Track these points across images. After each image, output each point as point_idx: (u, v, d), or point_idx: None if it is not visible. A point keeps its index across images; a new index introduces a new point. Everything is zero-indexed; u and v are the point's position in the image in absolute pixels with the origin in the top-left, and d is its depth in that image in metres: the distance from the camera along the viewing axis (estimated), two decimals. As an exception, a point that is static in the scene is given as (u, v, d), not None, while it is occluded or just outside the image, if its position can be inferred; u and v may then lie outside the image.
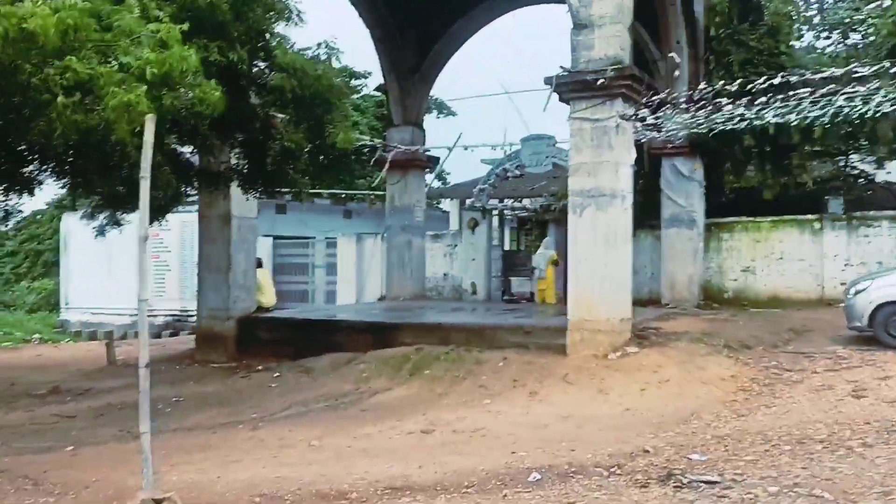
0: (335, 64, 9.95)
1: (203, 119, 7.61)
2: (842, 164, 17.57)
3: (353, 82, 36.09)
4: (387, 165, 16.86)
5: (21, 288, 31.92)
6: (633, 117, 10.38)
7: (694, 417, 7.72)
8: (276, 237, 21.61)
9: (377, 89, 18.33)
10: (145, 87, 6.31)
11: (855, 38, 22.13)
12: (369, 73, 33.61)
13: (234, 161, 10.25)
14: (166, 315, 21.56)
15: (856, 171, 17.58)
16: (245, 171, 10.09)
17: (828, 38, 22.57)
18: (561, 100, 10.64)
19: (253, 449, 7.01)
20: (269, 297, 13.79)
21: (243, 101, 8.83)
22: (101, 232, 11.69)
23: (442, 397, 9.24)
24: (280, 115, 9.49)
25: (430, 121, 36.21)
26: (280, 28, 9.21)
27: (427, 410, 8.54)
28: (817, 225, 15.45)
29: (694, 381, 8.99)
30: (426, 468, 6.19)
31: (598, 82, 9.89)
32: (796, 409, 7.84)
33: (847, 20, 21.61)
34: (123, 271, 22.68)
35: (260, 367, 11.51)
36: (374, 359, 10.81)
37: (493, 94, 19.29)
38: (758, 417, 7.65)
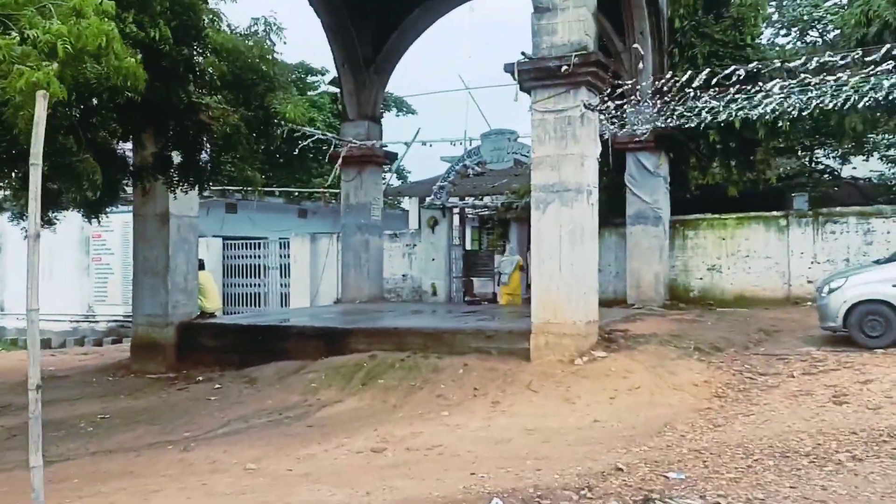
0: (278, 42, 9.14)
1: (118, 94, 6.79)
2: (807, 159, 17.26)
3: (310, 78, 35.21)
4: (340, 161, 16.06)
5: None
6: (599, 107, 9.78)
7: (668, 428, 7.12)
8: (225, 238, 20.64)
9: (331, 83, 17.40)
10: (56, 65, 5.51)
11: (813, 35, 22.04)
12: (326, 70, 32.76)
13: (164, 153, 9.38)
14: (109, 321, 20.44)
15: (821, 167, 17.28)
16: (176, 163, 9.22)
17: (786, 34, 22.45)
18: (522, 89, 10.01)
19: (180, 475, 6.22)
20: (212, 302, 12.92)
21: (170, 85, 8.00)
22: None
23: (396, 409, 8.53)
24: (206, 102, 8.66)
25: (389, 119, 35.47)
26: (213, 2, 8.40)
27: (379, 425, 7.81)
28: (783, 222, 15.08)
29: (665, 387, 8.42)
30: (374, 495, 5.47)
31: (562, 69, 9.27)
32: (776, 417, 7.29)
33: (805, 17, 21.47)
34: (63, 275, 21.54)
35: (200, 378, 10.67)
36: (324, 367, 10.06)
37: (454, 90, 18.62)
38: (736, 427, 7.07)
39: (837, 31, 17.86)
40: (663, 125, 13.43)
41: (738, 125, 14.33)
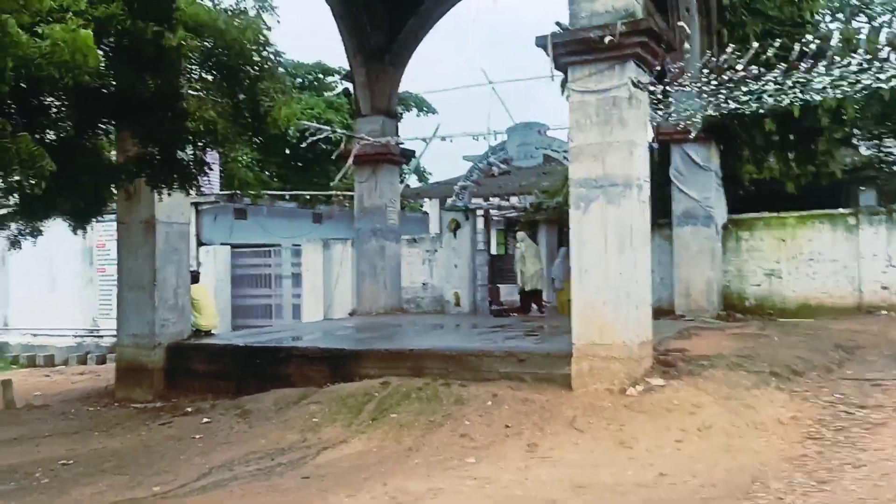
0: (271, 23, 7.65)
1: (68, 75, 5.42)
2: (876, 150, 15.48)
3: (327, 79, 33.94)
4: (351, 159, 14.59)
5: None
6: (650, 86, 8.22)
7: (758, 487, 5.52)
8: (234, 246, 19.28)
9: (343, 77, 15.93)
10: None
11: (859, 21, 20.33)
12: (343, 70, 31.39)
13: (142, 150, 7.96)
14: (114, 336, 19.15)
15: (890, 159, 15.47)
16: (153, 161, 7.79)
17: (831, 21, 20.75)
18: (557, 66, 8.48)
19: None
20: (208, 319, 11.50)
21: (135, 70, 6.59)
22: (14, 244, 9.45)
23: (411, 454, 7.00)
24: (182, 90, 7.22)
25: (409, 119, 34.02)
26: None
27: (390, 476, 6.29)
28: (852, 220, 13.34)
29: (745, 426, 6.81)
30: None
31: (606, 40, 7.72)
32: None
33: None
34: (68, 287, 20.36)
35: (189, 409, 9.24)
36: (329, 397, 8.59)
37: (476, 85, 17.11)
38: (846, 485, 5.45)
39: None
40: (715, 112, 11.86)
41: (797, 113, 12.71)
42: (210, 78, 7.30)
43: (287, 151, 32.33)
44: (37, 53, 5.23)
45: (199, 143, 7.56)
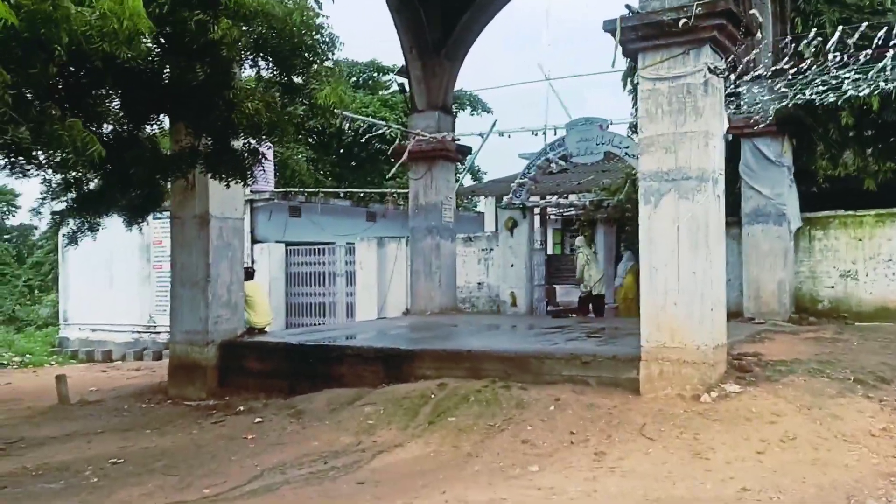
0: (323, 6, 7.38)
1: (122, 48, 5.22)
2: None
3: (381, 77, 33.82)
4: (405, 155, 14.29)
5: (35, 301, 30.28)
6: (727, 73, 7.72)
7: (854, 505, 5.03)
8: (288, 243, 19.19)
9: (398, 72, 15.67)
10: None
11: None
12: (399, 67, 31.22)
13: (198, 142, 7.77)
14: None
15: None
16: (208, 151, 7.58)
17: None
18: (626, 53, 8.06)
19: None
20: (262, 316, 11.32)
21: (186, 58, 6.39)
22: (72, 240, 9.44)
23: (471, 460, 6.65)
24: (236, 79, 6.99)
25: (463, 118, 33.66)
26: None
27: (449, 484, 5.95)
28: (936, 218, 12.52)
29: (832, 438, 6.27)
30: None
31: (680, 23, 7.24)
32: None
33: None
34: (126, 283, 20.58)
35: (241, 408, 9.05)
36: (383, 398, 8.30)
37: (532, 81, 16.71)
38: (955, 506, 4.92)
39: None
40: (790, 103, 11.24)
41: (876, 106, 11.99)
42: (263, 64, 7.03)
43: (341, 151, 32.60)
44: (86, 26, 5.03)
45: (247, 134, 7.30)
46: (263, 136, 7.36)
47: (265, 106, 6.73)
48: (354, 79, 32.81)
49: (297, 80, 7.45)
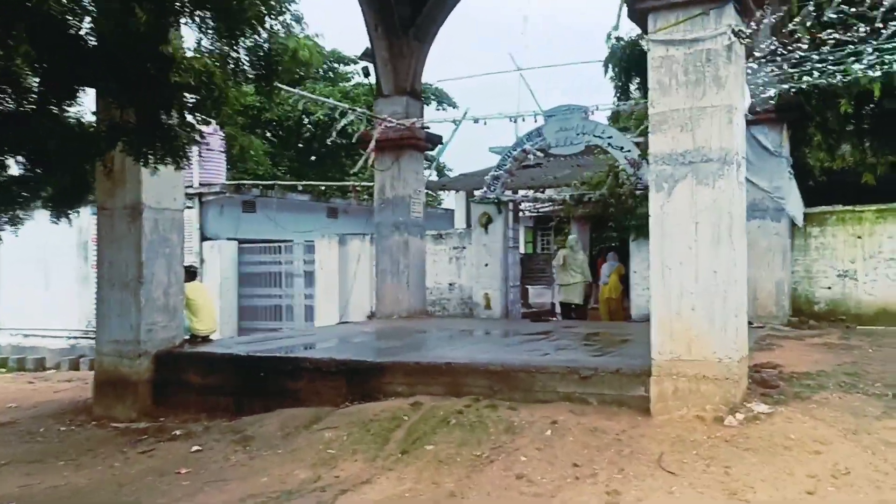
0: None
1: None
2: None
3: (343, 68, 32.49)
4: (373, 143, 13.01)
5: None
6: (753, 38, 6.63)
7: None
8: (242, 241, 17.75)
9: (362, 56, 14.38)
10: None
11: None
12: (363, 50, 29.82)
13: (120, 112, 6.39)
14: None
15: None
16: (132, 127, 6.22)
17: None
18: (632, 16, 6.91)
19: None
20: (205, 322, 9.95)
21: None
22: None
23: (455, 501, 5.43)
24: (171, 37, 5.65)
25: (428, 113, 32.45)
26: None
27: (430, 538, 4.73)
28: (941, 214, 11.67)
29: (892, 471, 5.17)
30: None
31: (700, -23, 6.13)
32: None
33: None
34: (62, 285, 18.90)
35: (178, 432, 7.69)
36: (347, 420, 7.03)
37: (502, 72, 15.57)
38: None
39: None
40: (792, 88, 10.26)
41: (877, 92, 11.06)
42: (204, 14, 5.70)
43: (300, 145, 31.15)
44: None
45: (191, 103, 5.96)
46: (211, 107, 6.00)
47: (204, 67, 5.40)
48: (315, 69, 31.40)
49: (248, 41, 6.14)
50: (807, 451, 5.46)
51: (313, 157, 30.69)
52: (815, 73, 9.39)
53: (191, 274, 9.97)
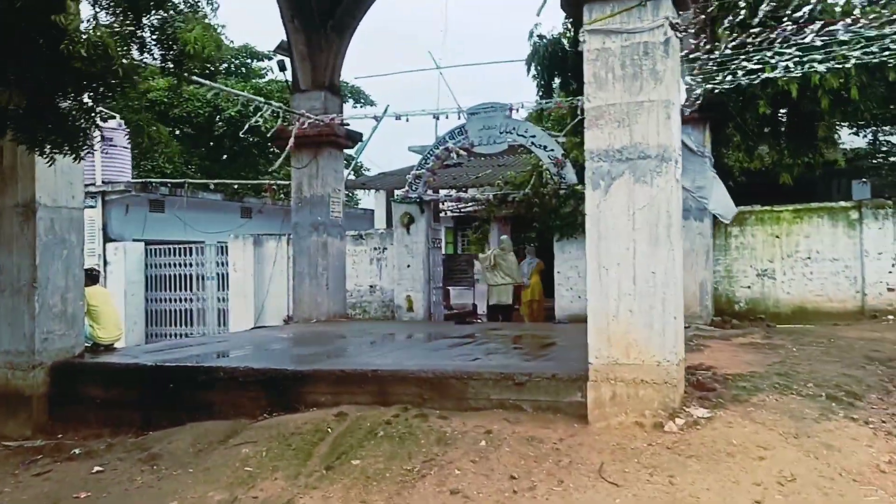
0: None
1: None
2: (874, 137, 14.20)
3: (255, 64, 31.49)
4: (292, 140, 12.42)
5: None
6: (688, 29, 6.47)
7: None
8: (149, 242, 16.80)
9: (277, 49, 13.74)
10: None
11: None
12: (274, 55, 28.95)
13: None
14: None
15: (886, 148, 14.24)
16: (21, 112, 5.54)
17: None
18: (563, 6, 6.66)
19: None
20: (109, 330, 9.19)
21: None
22: None
23: (386, 523, 5.03)
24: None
25: (346, 111, 31.83)
26: None
27: (361, 567, 4.31)
28: (854, 214, 11.98)
29: (837, 477, 5.06)
30: None
31: (637, -33, 5.92)
32: None
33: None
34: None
35: (77, 451, 7.00)
36: (265, 435, 6.52)
37: (422, 70, 15.26)
38: None
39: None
40: (716, 89, 10.27)
41: (794, 93, 11.23)
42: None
43: (211, 144, 29.92)
44: None
45: (87, 83, 5.32)
46: (100, 91, 5.37)
47: (99, 38, 4.79)
48: (225, 65, 30.30)
49: (152, 18, 5.55)
50: (750, 457, 5.30)
51: (225, 156, 29.57)
52: (739, 73, 9.41)
53: (92, 278, 9.20)
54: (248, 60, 30.83)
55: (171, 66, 5.92)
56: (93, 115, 5.66)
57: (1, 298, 7.92)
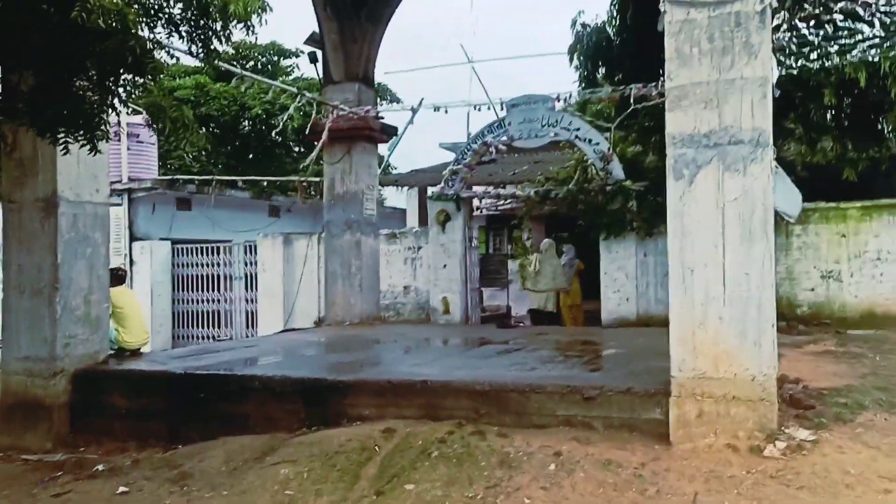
0: None
1: None
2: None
3: (283, 62, 31.01)
4: (325, 135, 11.79)
5: None
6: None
7: None
8: (176, 241, 16.27)
9: (308, 40, 13.13)
10: None
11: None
12: (301, 52, 28.48)
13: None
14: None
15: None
16: (33, 93, 4.93)
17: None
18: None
19: None
20: (135, 334, 8.59)
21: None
22: None
23: (451, 563, 4.36)
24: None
25: (372, 110, 31.30)
26: None
27: None
28: (929, 211, 11.12)
29: (981, 514, 4.32)
30: None
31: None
32: None
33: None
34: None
35: (100, 467, 6.40)
36: (306, 453, 5.86)
37: (453, 64, 14.63)
38: None
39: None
40: (783, 71, 9.53)
41: (863, 82, 10.40)
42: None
43: (237, 143, 29.49)
44: None
45: (107, 63, 4.69)
46: (128, 59, 4.71)
47: (115, 6, 4.15)
48: (252, 63, 29.84)
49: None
50: (873, 489, 4.56)
51: (251, 155, 29.14)
52: (814, 55, 8.69)
53: (118, 278, 8.62)
54: (275, 58, 30.34)
55: (200, 45, 5.29)
56: (109, 97, 5.04)
57: (20, 300, 7.35)
